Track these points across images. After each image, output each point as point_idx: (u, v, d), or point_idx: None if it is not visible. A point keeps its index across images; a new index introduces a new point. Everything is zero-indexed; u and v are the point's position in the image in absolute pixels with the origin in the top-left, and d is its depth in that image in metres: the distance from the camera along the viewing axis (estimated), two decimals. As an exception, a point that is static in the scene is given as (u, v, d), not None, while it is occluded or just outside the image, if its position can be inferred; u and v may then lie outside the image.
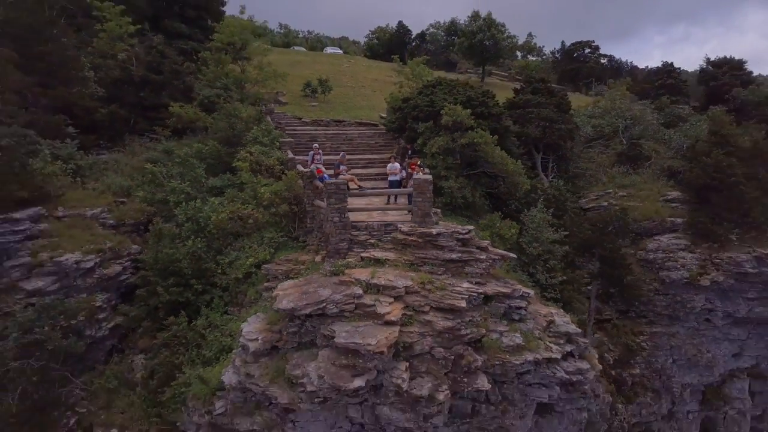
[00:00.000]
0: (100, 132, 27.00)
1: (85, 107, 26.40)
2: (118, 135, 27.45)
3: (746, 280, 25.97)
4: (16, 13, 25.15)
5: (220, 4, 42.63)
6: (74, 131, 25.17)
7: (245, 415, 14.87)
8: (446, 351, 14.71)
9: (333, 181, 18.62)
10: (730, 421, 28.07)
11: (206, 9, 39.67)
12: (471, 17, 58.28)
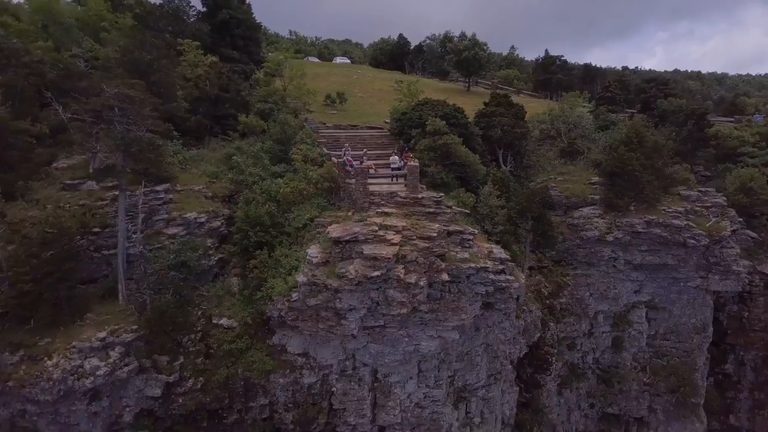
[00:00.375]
0: (189, 135, 37.58)
1: (180, 117, 37.01)
2: (201, 137, 38.04)
3: (639, 237, 36.60)
4: (133, 51, 35.78)
5: (258, 35, 53.30)
6: (176, 134, 35.85)
7: (312, 297, 25.57)
8: (425, 259, 25.44)
9: (359, 167, 29.35)
10: (632, 338, 38.68)
11: (250, 39, 50.23)
12: (459, 37, 69.09)
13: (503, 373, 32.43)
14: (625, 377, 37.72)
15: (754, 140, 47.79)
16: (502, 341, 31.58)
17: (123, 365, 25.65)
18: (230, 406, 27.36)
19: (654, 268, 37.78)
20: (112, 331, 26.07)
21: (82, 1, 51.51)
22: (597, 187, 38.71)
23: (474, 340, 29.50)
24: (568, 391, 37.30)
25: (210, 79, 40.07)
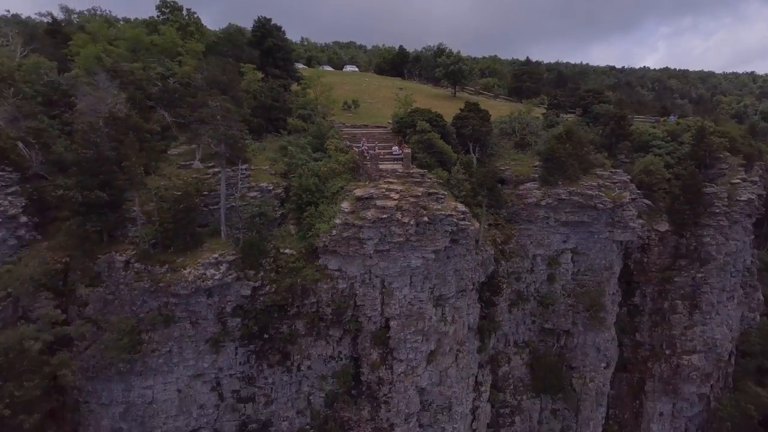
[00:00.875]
0: (253, 133, 52.42)
1: (247, 120, 51.92)
2: (261, 134, 52.87)
3: (563, 203, 51.49)
4: (218, 75, 50.74)
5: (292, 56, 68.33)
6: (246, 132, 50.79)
7: (345, 231, 40.54)
8: (414, 208, 40.51)
9: (372, 153, 44.37)
10: (561, 274, 53.56)
11: (287, 59, 65.27)
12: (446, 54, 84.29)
13: (467, 291, 47.50)
14: (556, 301, 52.59)
15: (662, 135, 62.43)
16: (467, 268, 46.59)
17: (228, 275, 40.79)
18: (292, 303, 42.41)
19: (575, 225, 52.59)
20: (220, 254, 41.16)
21: (160, 30, 66.09)
22: (537, 168, 53.43)
23: (446, 265, 44.56)
24: (516, 310, 52.27)
25: (264, 91, 54.97)
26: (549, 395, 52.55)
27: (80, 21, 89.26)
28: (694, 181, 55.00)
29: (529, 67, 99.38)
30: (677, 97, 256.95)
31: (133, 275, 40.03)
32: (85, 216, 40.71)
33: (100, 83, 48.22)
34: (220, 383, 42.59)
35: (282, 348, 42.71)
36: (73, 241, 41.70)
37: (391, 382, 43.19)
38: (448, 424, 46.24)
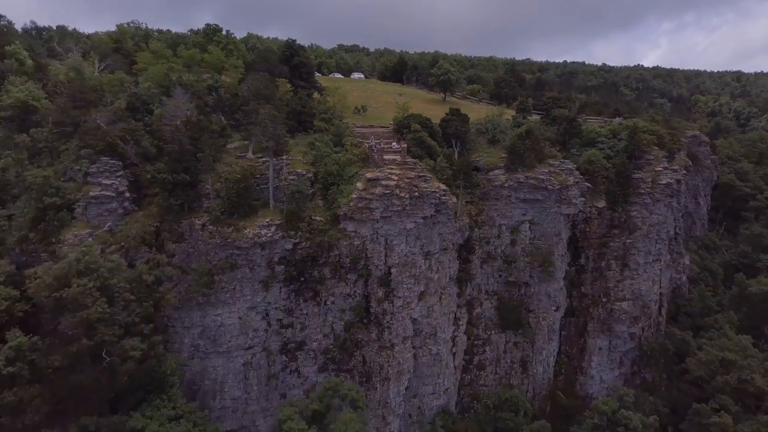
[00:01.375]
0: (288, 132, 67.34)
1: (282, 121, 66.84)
2: (292, 132, 67.67)
3: (522, 185, 66.21)
4: (261, 88, 65.64)
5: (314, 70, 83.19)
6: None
7: (359, 202, 55.48)
8: (408, 186, 55.49)
9: (378, 147, 59.49)
10: (521, 239, 68.44)
11: (309, 73, 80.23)
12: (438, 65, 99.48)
13: (449, 249, 62.52)
14: (517, 259, 67.45)
15: (606, 133, 77.14)
16: (447, 232, 61.57)
17: (275, 234, 55.83)
18: (321, 255, 57.30)
19: (532, 202, 67.41)
20: (270, 219, 56.20)
21: (208, 50, 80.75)
22: (503, 159, 68.21)
23: (432, 229, 59.59)
24: (486, 266, 67.28)
25: (294, 100, 69.91)
26: (511, 331, 67.59)
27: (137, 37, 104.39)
28: (625, 169, 69.91)
29: (508, 76, 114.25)
30: (657, 96, 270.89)
31: (207, 234, 55.18)
32: (172, 192, 55.79)
33: (177, 96, 63.20)
34: (268, 314, 57.73)
35: (313, 288, 57.83)
36: (162, 210, 56.74)
37: (392, 313, 58.35)
38: (433, 346, 61.46)
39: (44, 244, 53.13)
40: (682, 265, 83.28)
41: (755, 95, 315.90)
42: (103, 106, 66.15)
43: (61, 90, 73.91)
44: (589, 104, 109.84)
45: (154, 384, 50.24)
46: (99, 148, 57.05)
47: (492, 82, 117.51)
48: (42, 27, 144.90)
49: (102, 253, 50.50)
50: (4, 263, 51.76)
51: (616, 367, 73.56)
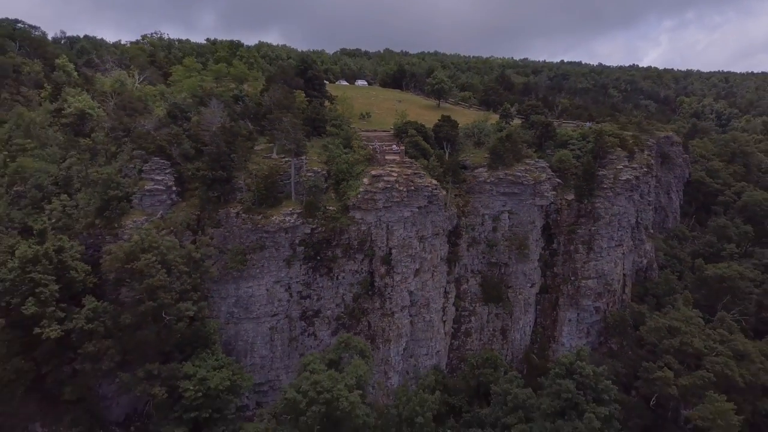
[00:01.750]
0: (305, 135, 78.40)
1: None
2: (308, 136, 78.59)
3: (502, 180, 77.05)
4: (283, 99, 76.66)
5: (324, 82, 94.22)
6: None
7: (365, 195, 66.34)
8: (406, 181, 66.47)
9: (381, 149, 70.58)
10: (501, 227, 79.18)
11: (321, 84, 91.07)
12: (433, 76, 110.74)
13: (440, 234, 73.39)
14: (497, 243, 78.35)
15: (577, 136, 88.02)
16: (439, 220, 72.45)
17: (297, 220, 66.84)
18: (333, 238, 68.21)
19: (510, 195, 78.29)
20: (292, 209, 67.18)
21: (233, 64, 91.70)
22: (487, 158, 79.21)
23: (426, 217, 70.57)
24: (472, 249, 78.15)
25: (309, 109, 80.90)
26: (493, 304, 78.57)
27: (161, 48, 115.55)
28: (590, 167, 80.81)
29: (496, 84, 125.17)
30: (643, 98, 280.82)
31: (240, 221, 66.19)
32: (210, 186, 66.81)
33: (212, 105, 74.30)
34: (290, 286, 68.69)
35: (327, 265, 68.78)
36: (202, 201, 67.66)
37: (392, 286, 69.41)
38: (427, 315, 72.59)
39: (108, 229, 64.31)
40: (643, 250, 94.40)
41: (740, 96, 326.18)
42: (148, 113, 77.43)
43: (109, 100, 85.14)
44: (569, 109, 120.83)
45: (200, 341, 61.42)
46: (150, 149, 68.23)
47: (481, 89, 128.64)
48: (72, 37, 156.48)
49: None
50: (76, 244, 62.93)
51: (584, 336, 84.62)
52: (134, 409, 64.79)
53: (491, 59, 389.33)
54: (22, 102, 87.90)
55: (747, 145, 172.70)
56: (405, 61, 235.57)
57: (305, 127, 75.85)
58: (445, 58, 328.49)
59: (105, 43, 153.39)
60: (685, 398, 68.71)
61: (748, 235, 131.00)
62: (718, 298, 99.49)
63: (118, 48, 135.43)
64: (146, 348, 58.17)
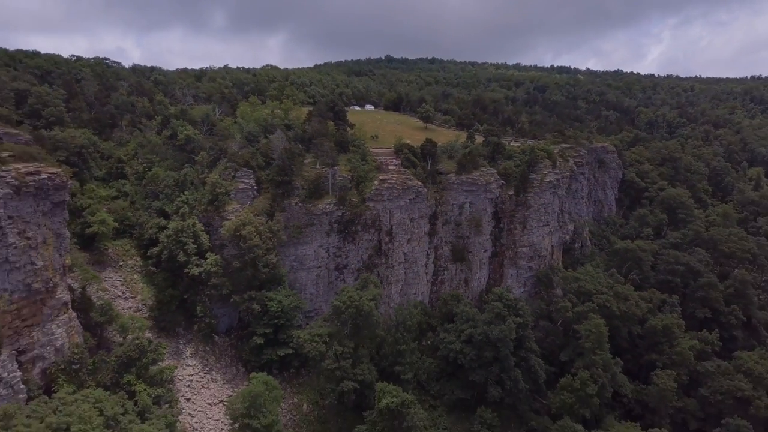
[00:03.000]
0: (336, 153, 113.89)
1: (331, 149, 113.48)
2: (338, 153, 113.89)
3: (464, 181, 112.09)
4: (320, 129, 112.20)
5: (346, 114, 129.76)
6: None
7: (376, 191, 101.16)
8: (401, 183, 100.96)
9: (385, 162, 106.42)
10: (464, 213, 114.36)
11: (344, 115, 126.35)
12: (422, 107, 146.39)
13: (424, 217, 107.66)
14: (462, 223, 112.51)
15: (519, 151, 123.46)
16: (422, 208, 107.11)
17: (333, 208, 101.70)
18: (355, 218, 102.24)
19: (470, 191, 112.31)
20: (330, 200, 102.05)
21: (282, 101, 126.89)
22: (455, 167, 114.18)
23: (413, 205, 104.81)
24: (445, 227, 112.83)
25: (336, 134, 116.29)
26: (459, 263, 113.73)
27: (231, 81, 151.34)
28: (525, 173, 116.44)
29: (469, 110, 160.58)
30: (605, 109, 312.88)
31: (298, 208, 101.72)
32: (278, 186, 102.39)
33: (276, 133, 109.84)
34: (328, 249, 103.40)
35: (352, 236, 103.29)
36: (273, 196, 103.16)
37: (393, 249, 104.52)
38: (415, 268, 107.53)
39: (217, 213, 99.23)
40: (567, 230, 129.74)
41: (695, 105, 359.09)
42: (232, 138, 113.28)
43: (201, 128, 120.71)
44: (525, 128, 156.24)
45: (276, 280, 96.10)
46: (239, 163, 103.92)
47: (459, 114, 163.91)
48: (144, 67, 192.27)
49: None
50: (198, 222, 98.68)
51: (522, 286, 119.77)
52: (231, 324, 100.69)
53: (482, 68, 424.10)
54: (141, 128, 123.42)
55: (675, 152, 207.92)
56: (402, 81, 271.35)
57: (335, 147, 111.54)
58: (439, 70, 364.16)
59: (170, 72, 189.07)
60: (578, 320, 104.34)
61: (663, 222, 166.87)
62: (623, 264, 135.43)
63: (185, 79, 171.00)
64: (247, 282, 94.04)
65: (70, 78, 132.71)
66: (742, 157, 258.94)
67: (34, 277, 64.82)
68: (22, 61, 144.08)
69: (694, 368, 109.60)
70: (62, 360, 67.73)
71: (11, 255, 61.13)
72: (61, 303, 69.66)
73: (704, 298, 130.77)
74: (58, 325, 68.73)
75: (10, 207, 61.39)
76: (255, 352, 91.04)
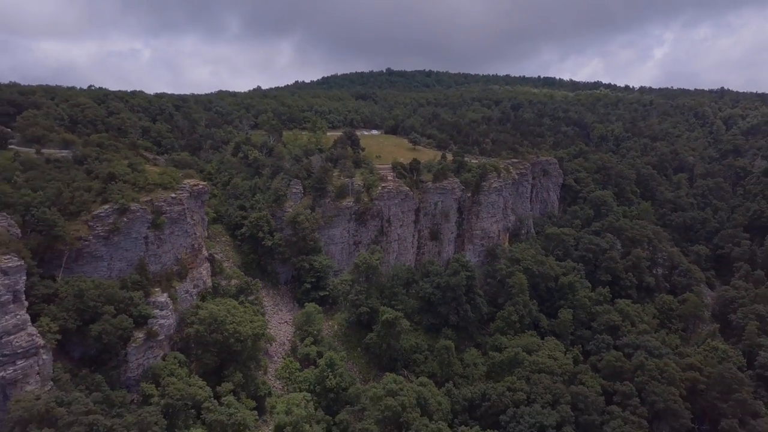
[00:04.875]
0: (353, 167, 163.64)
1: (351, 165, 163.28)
2: (354, 168, 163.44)
3: (438, 187, 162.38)
4: (344, 153, 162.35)
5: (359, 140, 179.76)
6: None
7: (381, 193, 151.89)
8: (396, 189, 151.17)
9: (384, 175, 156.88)
10: (438, 207, 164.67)
11: (358, 141, 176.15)
12: (411, 135, 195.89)
13: (410, 211, 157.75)
14: (436, 216, 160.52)
15: (475, 167, 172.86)
16: (409, 204, 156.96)
17: (353, 204, 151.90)
18: (366, 212, 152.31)
19: (442, 194, 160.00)
20: (350, 200, 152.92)
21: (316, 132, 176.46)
22: (432, 177, 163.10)
23: (404, 203, 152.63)
24: (425, 218, 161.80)
25: (353, 155, 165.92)
26: (434, 240, 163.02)
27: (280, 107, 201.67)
28: (478, 182, 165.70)
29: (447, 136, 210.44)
30: (563, 125, 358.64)
31: (330, 204, 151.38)
32: (316, 191, 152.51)
33: (315, 156, 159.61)
34: (349, 231, 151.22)
35: (364, 223, 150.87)
36: (314, 196, 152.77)
37: (390, 231, 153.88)
38: (405, 244, 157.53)
39: (278, 207, 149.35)
40: (510, 220, 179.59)
41: (647, 120, 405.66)
42: (284, 159, 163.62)
43: (262, 151, 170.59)
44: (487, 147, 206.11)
45: (317, 250, 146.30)
46: (292, 175, 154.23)
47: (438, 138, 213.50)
48: (206, 96, 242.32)
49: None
50: (268, 213, 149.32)
51: (477, 257, 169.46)
52: (288, 277, 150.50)
53: (473, 79, 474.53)
54: (221, 150, 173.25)
55: (609, 162, 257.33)
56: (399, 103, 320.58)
57: (353, 164, 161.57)
58: (435, 84, 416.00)
59: (226, 94, 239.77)
60: (509, 276, 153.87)
61: (590, 216, 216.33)
62: (550, 244, 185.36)
63: (238, 110, 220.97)
64: (299, 250, 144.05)
65: (167, 114, 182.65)
66: (672, 165, 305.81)
67: (194, 241, 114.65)
68: (128, 100, 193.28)
69: (591, 310, 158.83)
70: (206, 286, 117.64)
71: (188, 228, 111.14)
72: (204, 257, 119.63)
73: (608, 267, 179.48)
74: (204, 269, 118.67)
75: (189, 203, 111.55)
76: (305, 294, 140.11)
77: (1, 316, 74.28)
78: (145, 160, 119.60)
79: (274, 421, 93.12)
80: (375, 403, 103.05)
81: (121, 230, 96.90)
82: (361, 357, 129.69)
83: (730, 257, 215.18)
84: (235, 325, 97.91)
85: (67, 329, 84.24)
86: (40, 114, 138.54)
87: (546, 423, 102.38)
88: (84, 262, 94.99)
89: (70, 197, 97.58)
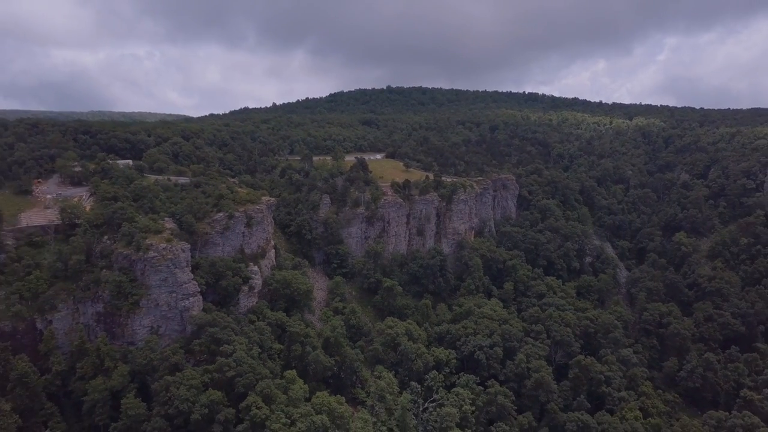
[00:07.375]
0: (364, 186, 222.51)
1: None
2: (364, 187, 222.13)
3: (421, 198, 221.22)
4: (357, 176, 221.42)
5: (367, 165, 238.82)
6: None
7: (384, 203, 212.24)
8: (394, 199, 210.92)
9: (386, 191, 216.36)
10: (423, 214, 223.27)
11: (367, 166, 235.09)
12: (405, 160, 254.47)
13: (403, 215, 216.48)
14: (421, 218, 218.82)
15: (451, 185, 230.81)
16: (403, 211, 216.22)
17: (363, 211, 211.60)
18: (374, 216, 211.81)
19: (424, 204, 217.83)
20: (362, 208, 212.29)
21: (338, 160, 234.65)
22: (418, 192, 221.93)
23: (399, 210, 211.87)
24: (414, 219, 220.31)
25: (362, 176, 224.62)
26: (419, 237, 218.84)
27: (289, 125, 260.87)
28: (449, 195, 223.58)
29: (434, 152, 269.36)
30: (528, 145, 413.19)
31: (349, 211, 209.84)
32: (340, 202, 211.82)
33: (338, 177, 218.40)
34: (361, 230, 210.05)
35: (372, 223, 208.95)
36: (337, 206, 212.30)
37: (390, 229, 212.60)
38: (399, 238, 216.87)
39: (314, 213, 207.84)
40: (476, 223, 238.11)
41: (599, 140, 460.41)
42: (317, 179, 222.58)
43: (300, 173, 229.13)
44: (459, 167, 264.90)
45: (340, 242, 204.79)
46: (322, 191, 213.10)
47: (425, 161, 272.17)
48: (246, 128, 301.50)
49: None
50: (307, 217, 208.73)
51: (450, 248, 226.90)
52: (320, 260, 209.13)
53: (463, 96, 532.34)
54: (268, 173, 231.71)
55: (557, 177, 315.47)
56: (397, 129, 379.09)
57: (364, 183, 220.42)
58: (429, 102, 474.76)
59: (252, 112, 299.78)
60: (470, 260, 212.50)
61: (537, 219, 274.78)
62: (503, 239, 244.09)
63: (275, 141, 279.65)
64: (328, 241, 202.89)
65: (231, 146, 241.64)
66: (613, 178, 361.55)
67: (268, 235, 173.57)
68: (199, 135, 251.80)
69: (527, 284, 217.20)
70: (273, 263, 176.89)
71: (265, 227, 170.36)
72: (272, 245, 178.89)
73: (545, 255, 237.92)
74: (272, 252, 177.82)
75: (265, 211, 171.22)
76: (333, 270, 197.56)
77: (184, 273, 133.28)
78: (236, 185, 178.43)
79: (323, 334, 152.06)
80: (380, 334, 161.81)
81: (229, 228, 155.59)
82: (370, 311, 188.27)
83: (646, 250, 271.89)
84: (297, 285, 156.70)
85: (208, 283, 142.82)
86: (158, 151, 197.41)
87: (483, 344, 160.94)
88: (209, 247, 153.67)
89: (198, 208, 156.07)
